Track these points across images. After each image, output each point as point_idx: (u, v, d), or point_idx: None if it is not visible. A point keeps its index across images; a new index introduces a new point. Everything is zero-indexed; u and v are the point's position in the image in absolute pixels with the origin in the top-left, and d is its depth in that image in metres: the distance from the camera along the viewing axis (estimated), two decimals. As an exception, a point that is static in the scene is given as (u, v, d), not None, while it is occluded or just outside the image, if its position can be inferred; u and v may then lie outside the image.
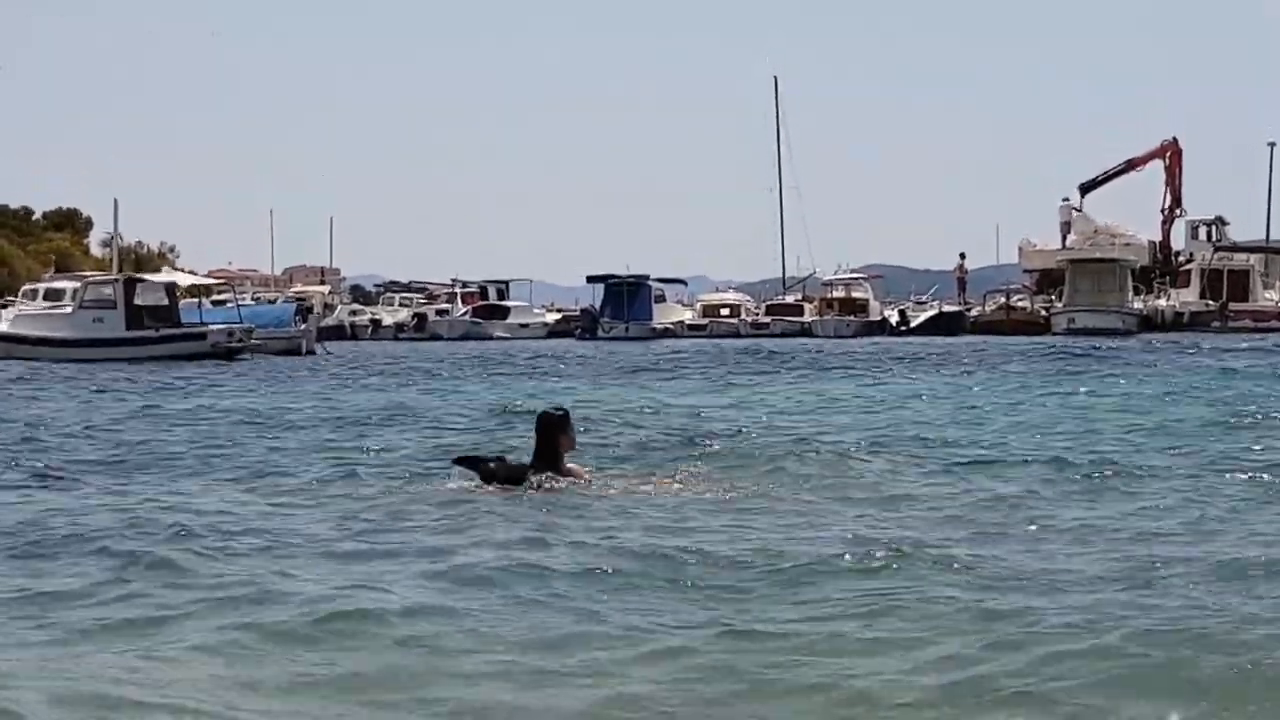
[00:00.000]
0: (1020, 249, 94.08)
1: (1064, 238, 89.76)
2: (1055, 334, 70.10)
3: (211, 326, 55.60)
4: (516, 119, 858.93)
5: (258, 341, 55.46)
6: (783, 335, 78.67)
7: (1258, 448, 16.99)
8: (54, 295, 60.00)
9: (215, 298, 71.94)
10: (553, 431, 13.25)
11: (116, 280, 57.16)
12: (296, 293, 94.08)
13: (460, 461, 13.91)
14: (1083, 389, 28.05)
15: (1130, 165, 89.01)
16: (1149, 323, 73.35)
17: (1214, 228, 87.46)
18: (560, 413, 13.50)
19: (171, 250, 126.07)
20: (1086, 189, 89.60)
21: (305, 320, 63.69)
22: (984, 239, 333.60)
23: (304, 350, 57.75)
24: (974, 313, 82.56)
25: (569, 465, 13.33)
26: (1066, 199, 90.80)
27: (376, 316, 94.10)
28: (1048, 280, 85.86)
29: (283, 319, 62.61)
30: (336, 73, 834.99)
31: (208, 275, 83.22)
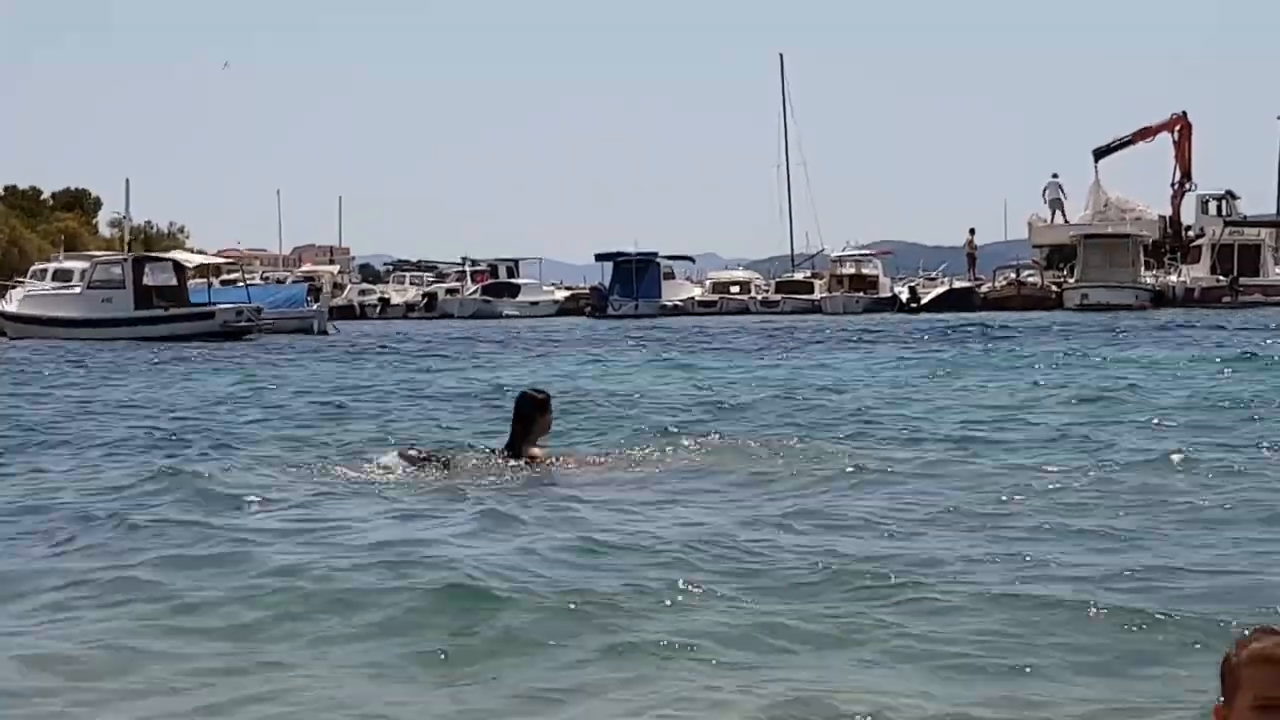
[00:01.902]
0: (1029, 224, 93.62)
1: (1054, 214, 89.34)
2: (1067, 309, 69.90)
3: (220, 305, 55.52)
4: (525, 97, 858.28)
5: (269, 321, 55.33)
6: (793, 312, 78.53)
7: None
8: (63, 275, 60.08)
9: (224, 277, 71.91)
10: (533, 413, 13.24)
11: (125, 260, 57.20)
12: (305, 272, 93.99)
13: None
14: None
15: (1144, 133, 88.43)
16: (1161, 298, 73.12)
17: (1224, 202, 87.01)
18: (542, 395, 13.45)
19: (180, 230, 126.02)
20: (1100, 154, 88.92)
21: (317, 300, 63.68)
22: (993, 214, 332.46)
23: (316, 330, 57.66)
24: (984, 289, 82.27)
25: (533, 450, 13.15)
26: (1055, 175, 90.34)
27: (385, 296, 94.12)
28: (1058, 255, 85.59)
29: (295, 299, 62.64)
30: (343, 52, 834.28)
31: (216, 255, 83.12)
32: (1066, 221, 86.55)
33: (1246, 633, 4.01)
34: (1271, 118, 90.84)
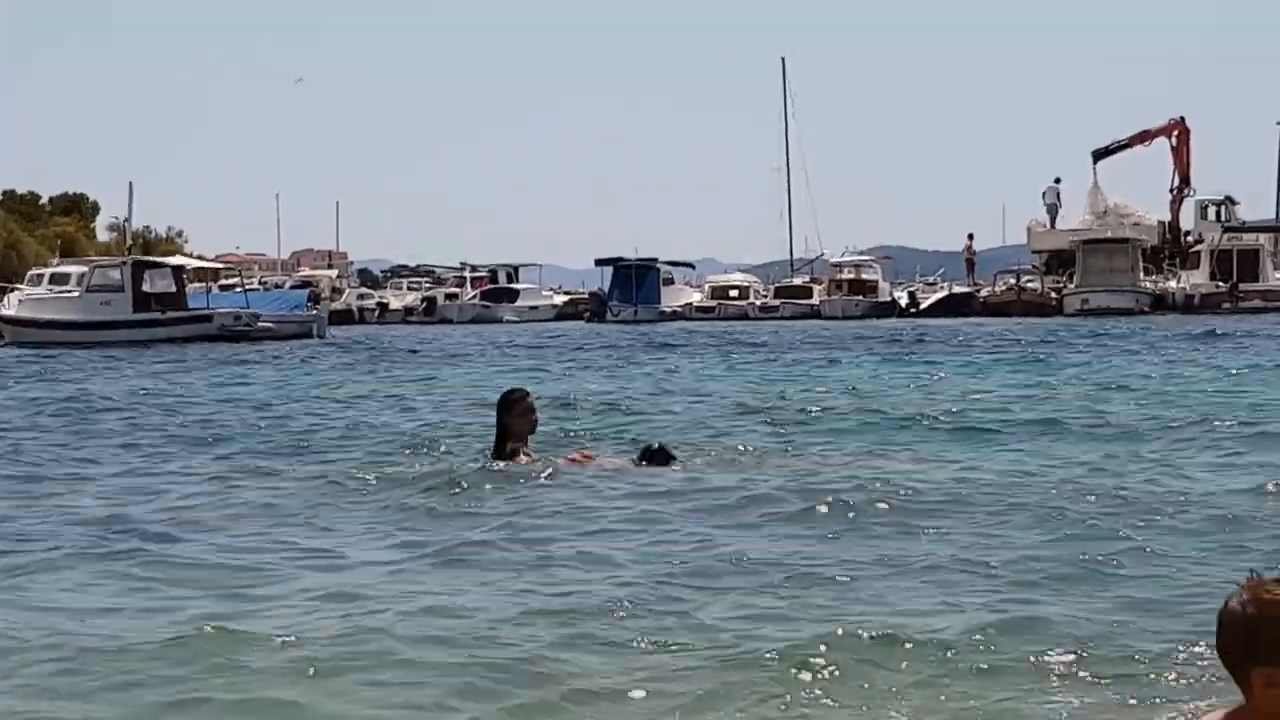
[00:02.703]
0: (1028, 230, 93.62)
1: (1053, 220, 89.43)
2: (1068, 315, 69.77)
3: (218, 310, 55.48)
4: (525, 101, 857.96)
5: (269, 326, 55.21)
6: (792, 317, 78.45)
7: None
8: (60, 279, 59.74)
9: (223, 282, 71.79)
10: (517, 412, 13.22)
11: (124, 264, 57.09)
12: (304, 277, 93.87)
13: None
14: None
15: (1142, 137, 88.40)
16: (1161, 303, 73.04)
17: (1223, 208, 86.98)
18: (518, 394, 13.41)
19: (179, 235, 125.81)
20: (1099, 156, 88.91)
21: (317, 305, 63.52)
22: (991, 220, 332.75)
23: (316, 334, 57.55)
24: (984, 294, 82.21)
25: (517, 447, 13.14)
26: (1058, 179, 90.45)
27: (384, 300, 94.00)
28: (1057, 261, 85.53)
29: (296, 304, 62.52)
30: (343, 52, 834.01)
31: (215, 260, 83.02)
32: (1053, 226, 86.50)
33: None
34: (1271, 122, 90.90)
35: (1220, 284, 74.20)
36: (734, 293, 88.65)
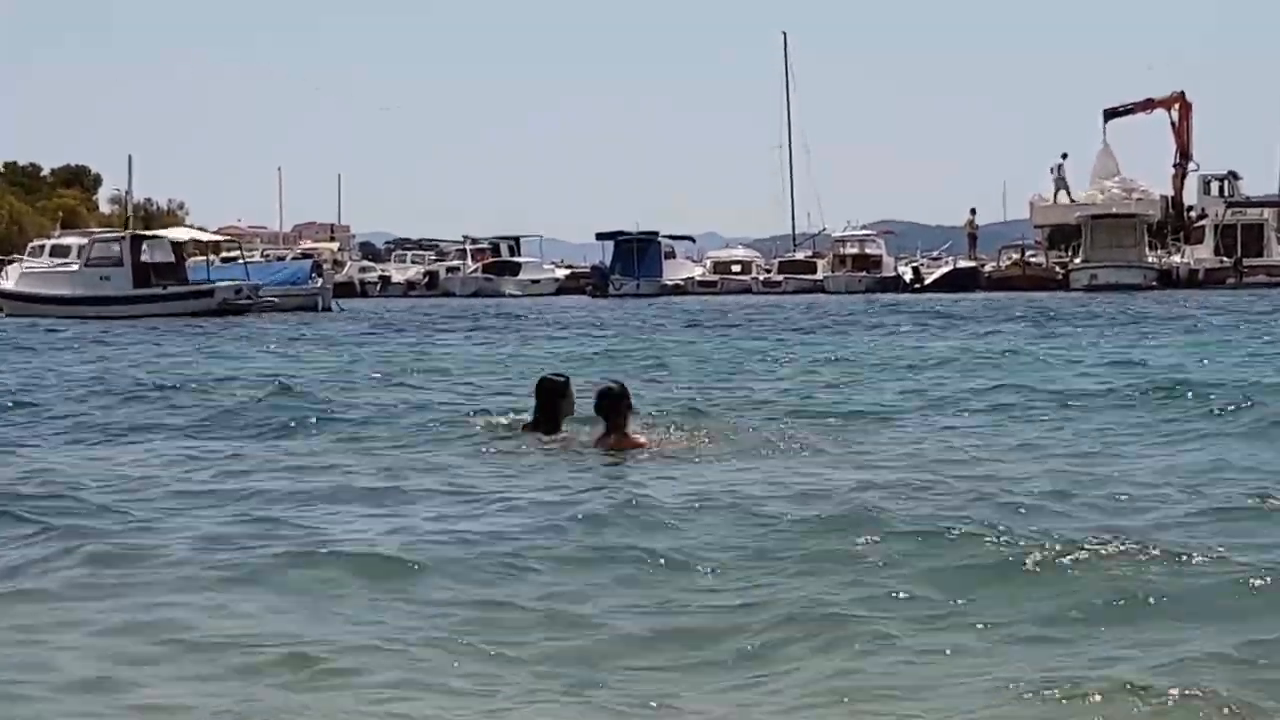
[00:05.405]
0: (1031, 204, 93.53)
1: (1056, 193, 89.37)
2: (1075, 289, 69.65)
3: (219, 283, 55.05)
4: (525, 74, 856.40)
5: (274, 299, 54.82)
6: (795, 292, 78.26)
7: None
8: (60, 252, 59.44)
9: (225, 255, 71.43)
10: (554, 397, 13.17)
11: (123, 237, 56.81)
12: (305, 250, 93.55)
13: None
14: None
15: (1147, 104, 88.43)
16: (1166, 278, 72.93)
17: (1226, 183, 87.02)
18: (562, 379, 13.49)
19: (180, 207, 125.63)
20: (1110, 115, 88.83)
21: (321, 277, 62.97)
22: (992, 195, 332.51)
23: (320, 307, 57.18)
24: (988, 269, 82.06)
25: (565, 430, 13.09)
26: (1065, 155, 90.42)
27: (386, 274, 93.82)
28: (1060, 235, 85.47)
29: (299, 276, 62.00)
30: (343, 56, 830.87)
31: (216, 232, 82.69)
32: (1072, 200, 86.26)
33: None
34: (1274, 99, 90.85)
35: (1225, 259, 74.11)
36: (736, 267, 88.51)
